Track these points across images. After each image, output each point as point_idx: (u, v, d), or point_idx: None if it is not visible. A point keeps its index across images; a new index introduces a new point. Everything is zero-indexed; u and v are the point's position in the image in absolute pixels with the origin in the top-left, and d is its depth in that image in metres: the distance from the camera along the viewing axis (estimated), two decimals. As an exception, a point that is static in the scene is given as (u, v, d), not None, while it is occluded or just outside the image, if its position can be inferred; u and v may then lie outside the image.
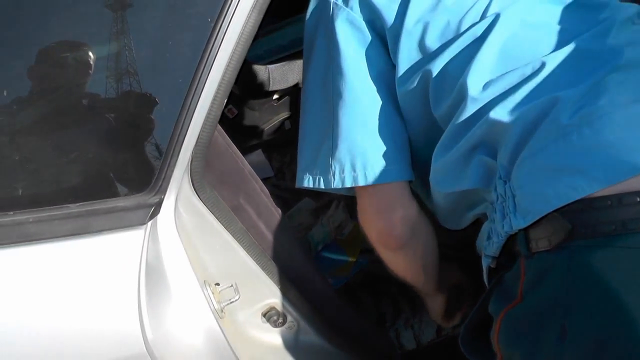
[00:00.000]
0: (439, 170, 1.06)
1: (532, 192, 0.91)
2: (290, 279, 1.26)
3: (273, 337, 1.30)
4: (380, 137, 1.07)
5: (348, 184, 1.07)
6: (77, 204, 0.97)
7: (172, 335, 1.05)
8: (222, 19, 0.96)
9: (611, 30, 1.02)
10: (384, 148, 1.07)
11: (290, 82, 1.97)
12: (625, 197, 0.84)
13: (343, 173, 1.07)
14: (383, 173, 1.07)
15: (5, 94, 0.95)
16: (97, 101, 0.97)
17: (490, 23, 1.04)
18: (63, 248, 0.97)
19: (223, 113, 1.07)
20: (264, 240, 1.21)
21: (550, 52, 1.00)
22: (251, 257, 1.19)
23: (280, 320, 1.29)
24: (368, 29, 1.09)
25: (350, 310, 1.42)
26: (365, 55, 1.09)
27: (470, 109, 1.00)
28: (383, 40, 1.10)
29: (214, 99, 1.01)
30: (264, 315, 1.28)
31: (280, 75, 1.90)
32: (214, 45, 0.96)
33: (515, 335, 0.92)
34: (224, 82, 1.01)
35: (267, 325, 1.28)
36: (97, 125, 0.98)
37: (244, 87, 1.87)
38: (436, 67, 1.04)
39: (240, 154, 1.19)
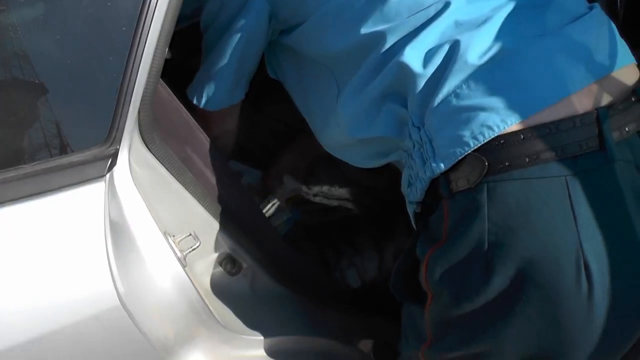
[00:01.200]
0: (349, 115, 1.09)
1: (448, 136, 0.94)
2: (241, 227, 1.28)
3: (230, 285, 1.32)
4: (225, 77, 1.23)
5: (195, 102, 1.26)
6: (33, 164, 0.96)
7: (143, 287, 1.06)
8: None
9: None
10: (224, 85, 1.24)
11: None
12: (538, 130, 0.89)
13: (195, 93, 1.25)
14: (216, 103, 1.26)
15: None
16: (42, 59, 0.96)
17: None
18: (24, 209, 0.95)
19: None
20: (213, 189, 1.23)
21: None
22: (203, 206, 1.20)
23: (236, 268, 1.32)
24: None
25: (298, 255, 1.47)
26: (249, 19, 1.17)
27: (376, 53, 1.03)
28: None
29: (156, 49, 1.02)
30: (220, 264, 1.30)
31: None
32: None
33: (442, 274, 0.97)
34: (164, 32, 1.02)
35: (224, 273, 1.30)
36: (45, 82, 0.97)
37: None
38: (333, 6, 1.08)
39: (184, 107, 1.20)
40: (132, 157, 1.08)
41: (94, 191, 0.99)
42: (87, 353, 1.03)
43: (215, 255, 1.29)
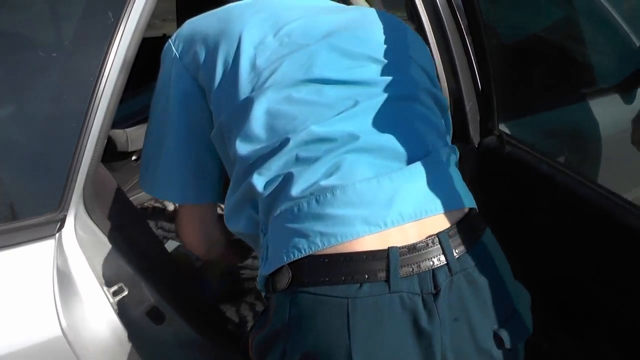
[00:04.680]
0: (227, 209, 1.29)
1: (274, 248, 1.15)
2: (166, 283, 1.59)
3: (157, 332, 1.60)
4: (186, 169, 1.36)
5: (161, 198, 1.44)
6: (3, 224, 1.28)
7: (81, 323, 1.35)
8: (99, 79, 1.33)
9: (357, 114, 1.19)
10: (188, 177, 1.36)
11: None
12: (335, 258, 1.09)
13: (158, 189, 1.39)
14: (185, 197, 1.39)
15: None
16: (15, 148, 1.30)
17: (261, 94, 1.21)
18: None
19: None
20: (143, 253, 1.55)
21: (296, 131, 1.17)
22: (133, 266, 1.52)
23: (160, 318, 1.61)
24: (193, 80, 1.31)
25: (215, 310, 1.77)
26: (189, 100, 1.31)
27: (238, 168, 1.23)
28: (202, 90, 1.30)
29: (96, 143, 1.36)
30: (147, 314, 1.59)
31: (137, 136, 2.17)
32: (96, 98, 1.33)
33: (259, 355, 1.18)
34: (103, 128, 1.37)
35: (150, 322, 1.60)
36: (13, 166, 1.30)
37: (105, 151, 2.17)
38: (223, 120, 1.26)
39: (119, 186, 1.54)
40: (77, 223, 1.40)
41: (46, 246, 1.31)
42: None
43: (144, 305, 1.58)
